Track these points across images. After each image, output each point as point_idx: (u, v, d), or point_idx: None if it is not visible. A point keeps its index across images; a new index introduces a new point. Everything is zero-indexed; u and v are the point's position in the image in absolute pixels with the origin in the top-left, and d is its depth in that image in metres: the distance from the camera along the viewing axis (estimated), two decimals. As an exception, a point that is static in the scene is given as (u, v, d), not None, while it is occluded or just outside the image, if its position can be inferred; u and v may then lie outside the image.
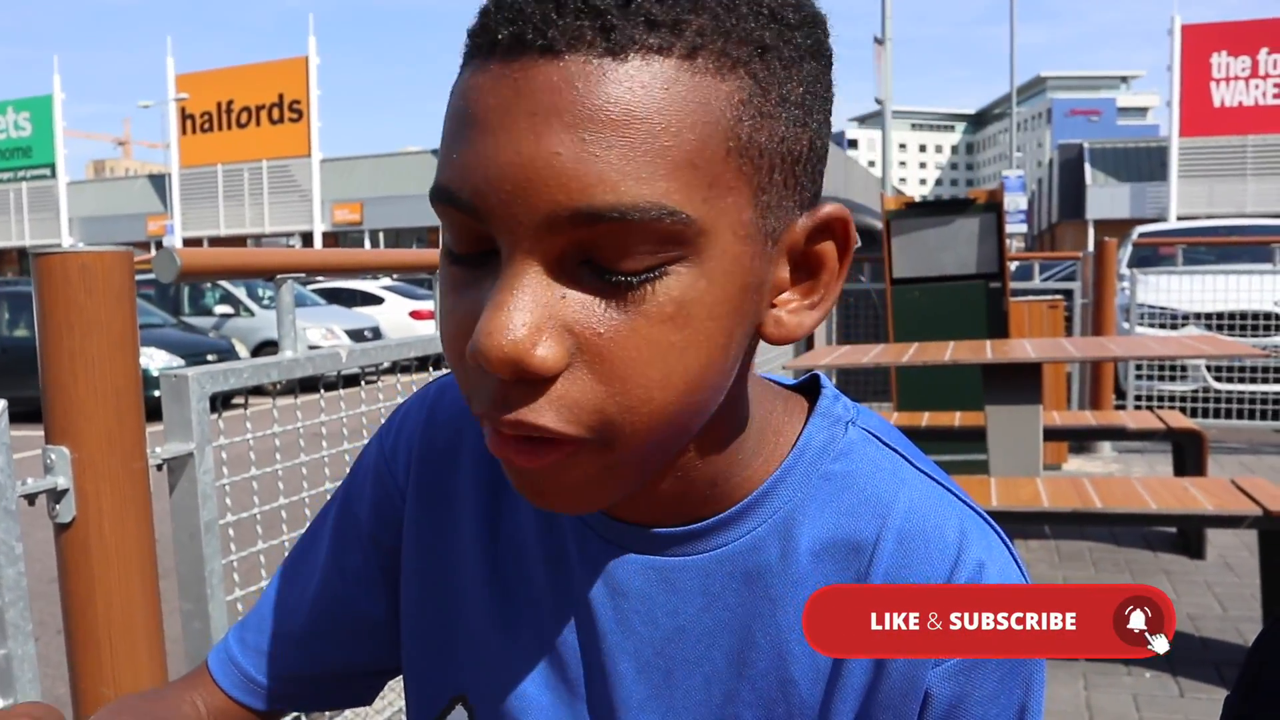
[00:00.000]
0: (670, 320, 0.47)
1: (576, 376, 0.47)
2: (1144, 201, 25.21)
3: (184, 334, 10.96)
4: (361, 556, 0.71)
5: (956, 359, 3.63)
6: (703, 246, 0.47)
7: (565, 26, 0.45)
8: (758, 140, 0.48)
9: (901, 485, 0.60)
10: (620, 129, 0.45)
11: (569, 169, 0.44)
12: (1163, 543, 4.43)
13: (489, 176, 0.46)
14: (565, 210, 0.45)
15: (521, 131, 0.45)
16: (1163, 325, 7.20)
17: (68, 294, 1.31)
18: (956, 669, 0.56)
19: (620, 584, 0.61)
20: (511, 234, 0.46)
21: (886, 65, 14.98)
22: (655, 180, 0.45)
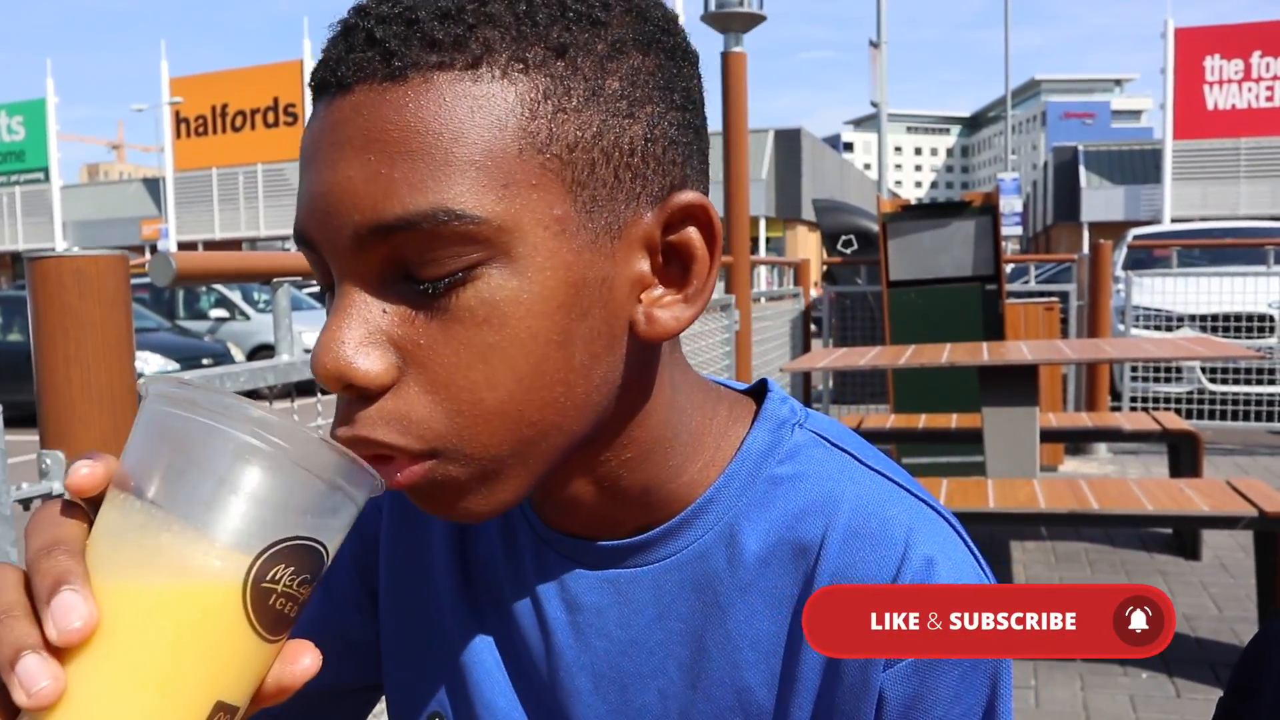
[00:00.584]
0: (485, 321, 0.49)
1: (406, 389, 0.50)
2: (1138, 204, 25.26)
3: (179, 338, 10.94)
4: (346, 576, 0.72)
5: (953, 361, 3.63)
6: (508, 245, 0.49)
7: (353, 61, 0.49)
8: (563, 135, 0.49)
9: (849, 483, 0.59)
10: (402, 145, 0.47)
11: (360, 189, 0.48)
12: (1158, 544, 4.44)
13: (309, 209, 0.50)
14: (364, 228, 0.48)
15: (324, 163, 0.49)
16: (1158, 327, 7.21)
17: (62, 298, 1.31)
18: (909, 670, 0.55)
19: (575, 598, 0.61)
20: (333, 259, 0.50)
21: (881, 68, 15.00)
22: (441, 187, 0.47)
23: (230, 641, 0.42)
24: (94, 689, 0.40)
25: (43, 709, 0.39)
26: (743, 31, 4.65)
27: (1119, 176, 27.03)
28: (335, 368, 0.49)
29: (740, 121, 4.65)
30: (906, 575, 0.55)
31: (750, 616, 0.58)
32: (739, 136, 4.66)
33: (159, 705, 0.40)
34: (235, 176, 31.16)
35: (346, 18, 0.51)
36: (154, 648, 0.41)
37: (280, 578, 0.43)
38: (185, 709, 0.41)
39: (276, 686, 0.45)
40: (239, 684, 0.43)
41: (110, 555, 0.42)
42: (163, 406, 0.44)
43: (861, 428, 4.96)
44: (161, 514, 0.42)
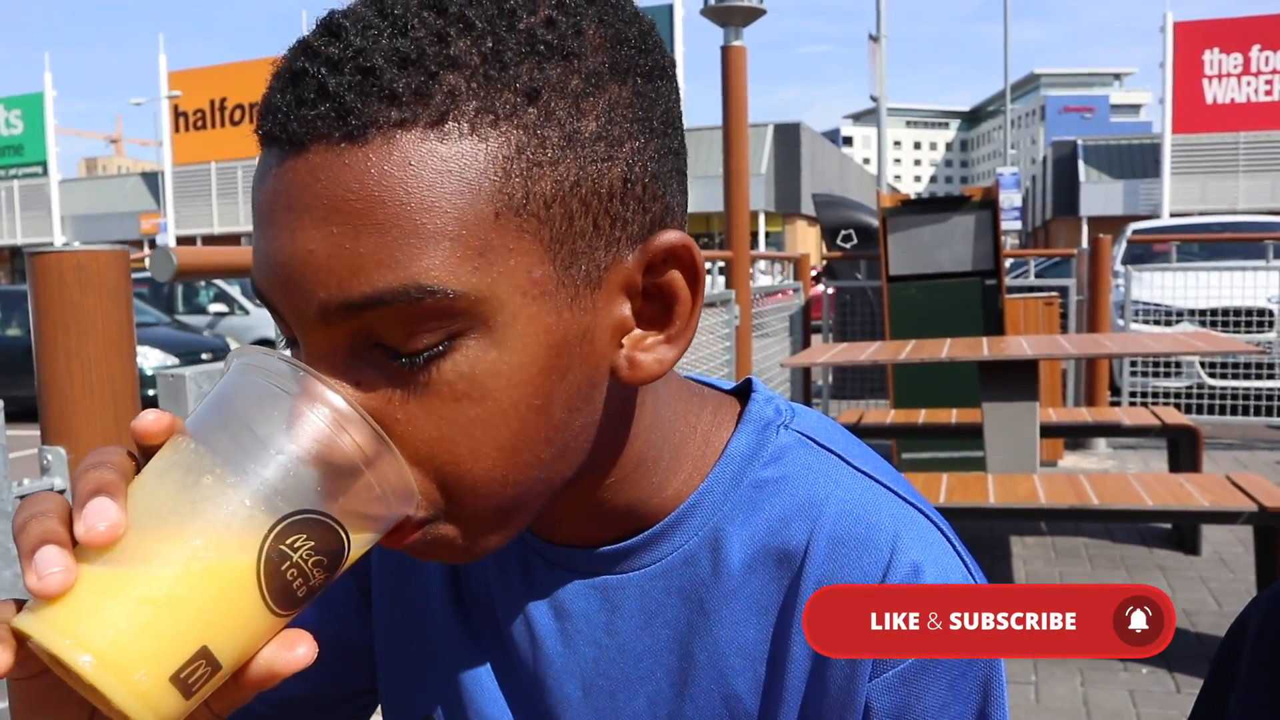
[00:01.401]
0: (465, 396, 0.47)
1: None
2: (1137, 198, 25.25)
3: (178, 333, 10.92)
4: (343, 582, 0.71)
5: (953, 356, 3.64)
6: (486, 315, 0.46)
7: (304, 118, 0.45)
8: (539, 192, 0.46)
9: (834, 487, 0.58)
10: (366, 216, 0.44)
11: (323, 264, 0.45)
12: (1158, 539, 4.44)
13: (267, 273, 0.47)
14: (330, 305, 0.45)
15: (281, 229, 0.46)
16: (1157, 322, 7.21)
17: (63, 294, 1.31)
18: (896, 679, 0.54)
19: (563, 605, 0.61)
20: (297, 327, 0.48)
21: (881, 62, 14.98)
22: (411, 261, 0.44)
23: (236, 594, 0.43)
24: (100, 591, 0.41)
25: (49, 595, 0.40)
26: (742, 25, 4.64)
27: (1118, 171, 27.01)
28: None
29: (740, 116, 4.65)
30: (892, 581, 0.54)
31: (736, 624, 0.58)
32: (738, 131, 4.65)
33: (151, 624, 0.41)
34: (234, 170, 31.11)
35: (293, 61, 0.46)
36: (165, 573, 0.42)
37: (299, 546, 0.44)
38: (173, 638, 0.42)
39: (266, 669, 0.44)
40: (231, 641, 0.43)
41: (152, 484, 0.44)
42: (237, 372, 0.46)
43: (861, 423, 4.97)
44: (210, 458, 0.44)
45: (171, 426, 0.45)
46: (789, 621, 0.56)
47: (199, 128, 30.96)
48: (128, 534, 0.42)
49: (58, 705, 0.47)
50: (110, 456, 0.45)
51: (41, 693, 0.46)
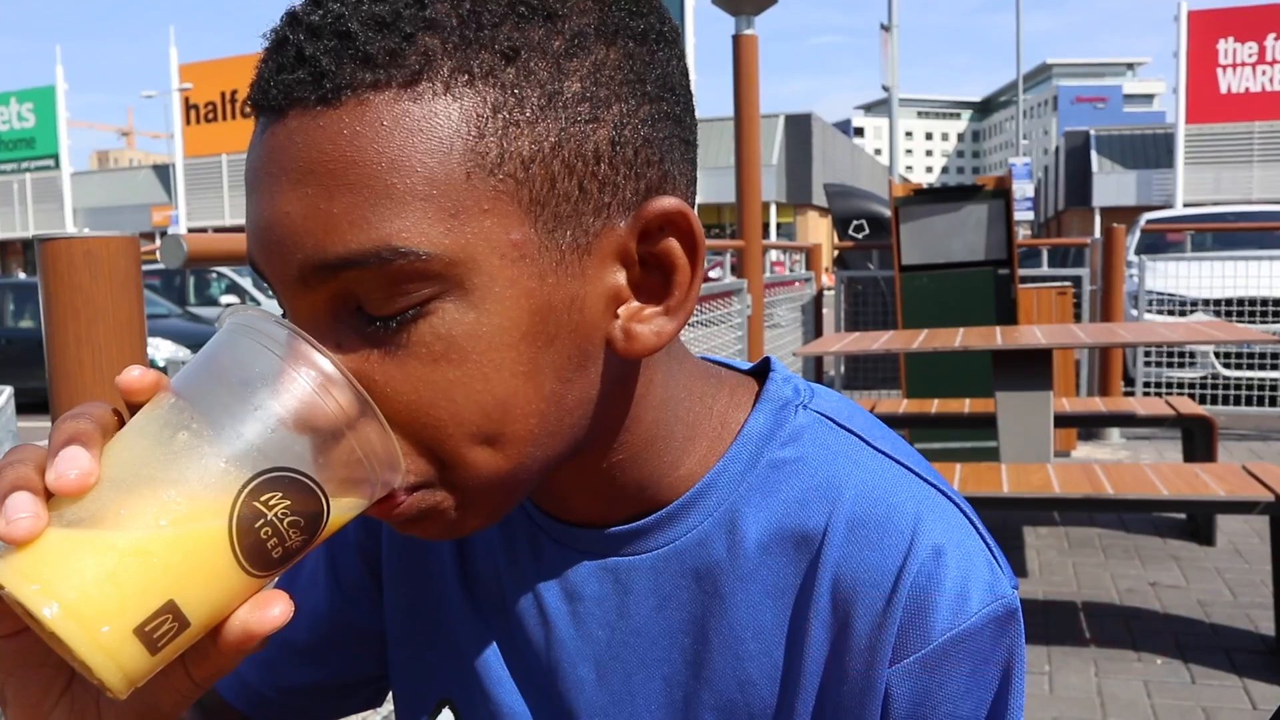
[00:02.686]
0: (442, 358, 0.46)
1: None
2: (1150, 189, 25.12)
3: (190, 324, 10.96)
4: (355, 568, 0.71)
5: (967, 345, 3.61)
6: (461, 277, 0.45)
7: (282, 83, 0.45)
8: (516, 152, 0.45)
9: (854, 468, 0.56)
10: (338, 177, 0.44)
11: (299, 226, 0.45)
12: (1172, 529, 4.41)
13: (252, 239, 0.48)
14: (307, 266, 0.45)
15: (263, 194, 0.46)
16: (1171, 312, 7.16)
17: (73, 280, 1.30)
18: (917, 665, 0.53)
19: (575, 587, 0.60)
20: (280, 290, 0.48)
21: (893, 52, 14.91)
22: (384, 222, 0.44)
23: (206, 550, 0.42)
24: (69, 542, 0.41)
25: (16, 541, 0.40)
26: (754, 14, 4.61)
27: (1131, 161, 26.87)
28: None
29: (752, 105, 4.62)
30: (913, 565, 0.53)
31: (751, 606, 0.56)
32: (750, 121, 4.63)
33: (116, 575, 0.41)
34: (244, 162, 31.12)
35: (279, 29, 0.47)
36: (134, 525, 0.41)
37: (274, 504, 0.43)
38: (139, 591, 0.41)
39: (241, 630, 0.44)
40: (199, 597, 0.43)
41: (129, 438, 0.44)
42: (227, 331, 0.46)
43: (874, 413, 4.94)
44: (189, 413, 0.44)
45: (157, 383, 0.45)
46: (806, 605, 0.55)
47: (210, 120, 31.05)
48: (101, 487, 0.42)
49: (35, 666, 0.47)
50: (91, 409, 0.45)
51: (20, 652, 0.46)
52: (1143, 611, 3.53)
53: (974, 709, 0.54)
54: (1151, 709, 2.83)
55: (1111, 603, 3.61)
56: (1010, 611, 0.54)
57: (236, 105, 30.75)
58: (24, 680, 0.47)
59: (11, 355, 10.18)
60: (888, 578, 0.53)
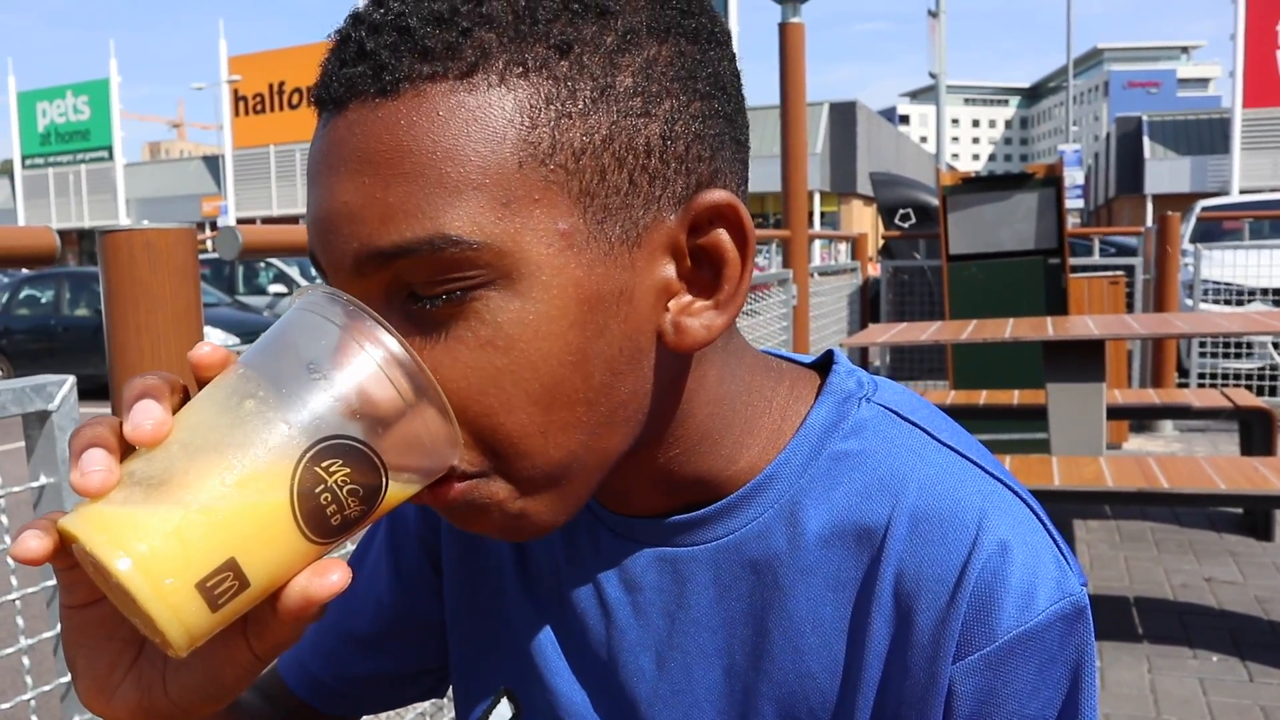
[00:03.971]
0: (489, 344, 0.47)
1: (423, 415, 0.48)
2: (1204, 175, 24.55)
3: (239, 313, 11.14)
4: (416, 560, 0.72)
5: (1017, 336, 3.56)
6: (509, 266, 0.46)
7: (344, 77, 0.47)
8: (568, 142, 0.46)
9: (918, 461, 0.56)
10: (394, 166, 0.45)
11: (355, 214, 0.46)
12: (1228, 524, 4.32)
13: (313, 232, 0.49)
14: (362, 254, 0.47)
15: (321, 185, 0.48)
16: (1228, 301, 7.01)
17: (133, 271, 1.32)
18: (981, 662, 0.51)
19: (634, 577, 0.60)
20: (335, 280, 0.49)
21: (940, 38, 14.71)
22: (437, 212, 0.45)
23: (267, 511, 0.43)
24: (140, 499, 0.43)
25: (90, 493, 0.42)
26: (800, 2, 4.57)
27: (1185, 147, 26.28)
28: None
29: (798, 94, 4.58)
30: (978, 561, 0.52)
31: (812, 600, 0.56)
32: (796, 109, 4.59)
33: (181, 531, 0.42)
34: (292, 153, 31.53)
35: (343, 27, 0.49)
36: (200, 484, 0.43)
37: (335, 471, 0.44)
38: (203, 546, 0.42)
39: (301, 595, 0.44)
40: (260, 558, 0.44)
41: (199, 404, 0.46)
42: (295, 309, 0.47)
43: (920, 404, 4.89)
44: (256, 382, 0.45)
45: (227, 359, 0.46)
46: (868, 600, 0.54)
47: (258, 111, 31.44)
48: (170, 448, 0.44)
49: (105, 639, 0.48)
50: (161, 373, 0.47)
51: (91, 624, 0.47)
52: (1197, 607, 3.46)
53: (1041, 709, 0.52)
54: (1207, 706, 2.77)
55: (1165, 598, 3.55)
56: (1079, 610, 0.53)
57: (284, 97, 31.12)
58: (94, 652, 0.48)
59: (67, 343, 10.40)
60: (952, 573, 0.52)
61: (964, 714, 0.52)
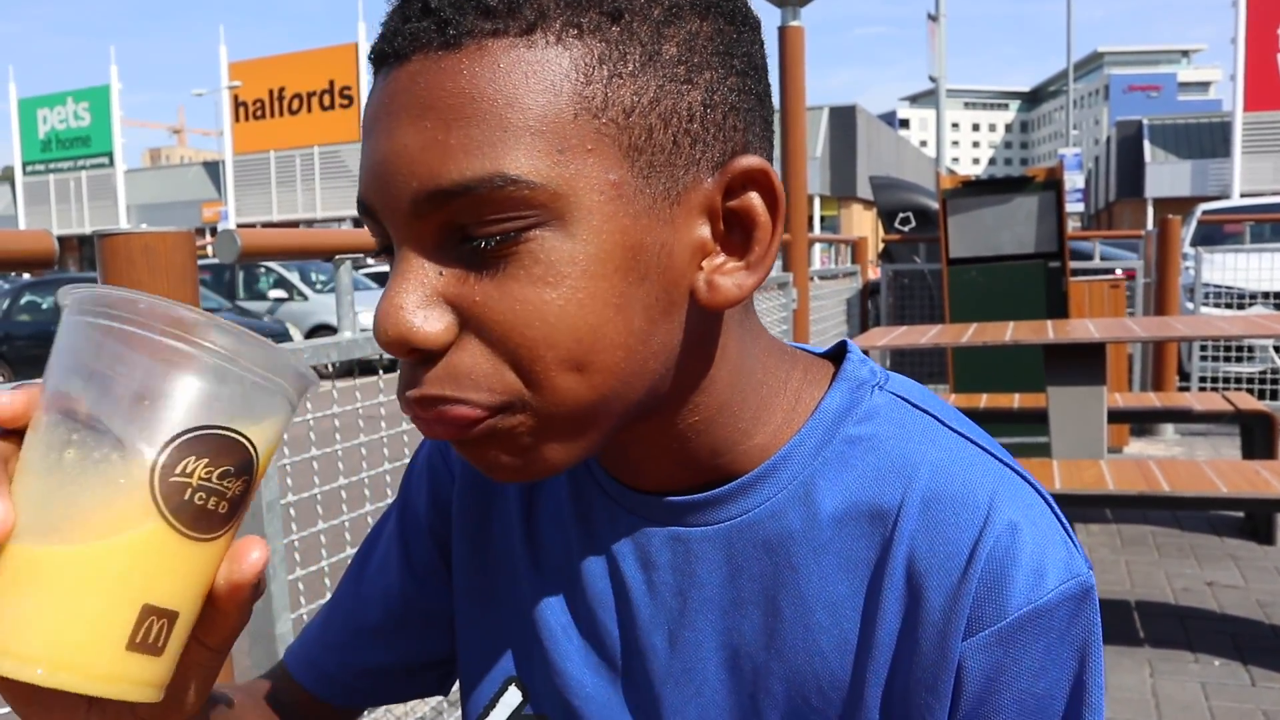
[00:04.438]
0: (540, 280, 0.49)
1: (465, 346, 0.50)
2: (1205, 179, 24.55)
3: (240, 319, 11.14)
4: (425, 549, 0.73)
5: (1018, 339, 3.55)
6: (562, 209, 0.49)
7: (409, 31, 0.49)
8: (618, 100, 0.49)
9: (929, 446, 0.57)
10: (456, 111, 0.48)
11: (416, 156, 0.48)
12: (1229, 528, 4.32)
13: (369, 177, 0.51)
14: (420, 194, 0.48)
15: (382, 132, 0.50)
16: (1229, 305, 7.00)
17: (132, 275, 1.32)
18: (992, 638, 0.52)
19: (649, 556, 0.61)
20: (391, 224, 0.51)
21: (940, 42, 14.72)
22: (497, 153, 0.48)
23: (150, 544, 0.41)
24: (19, 597, 0.40)
25: None
26: (799, 5, 4.57)
27: (1185, 151, 26.29)
28: (397, 333, 0.49)
29: (798, 97, 4.58)
30: (989, 540, 0.53)
31: (824, 579, 0.57)
32: (796, 112, 4.59)
33: (80, 611, 0.40)
34: (292, 159, 31.58)
35: None
36: (71, 556, 0.40)
37: (193, 470, 0.42)
38: (110, 613, 0.40)
39: (227, 586, 0.45)
40: (171, 587, 0.42)
41: (24, 476, 0.43)
42: (78, 316, 0.44)
43: (921, 408, 4.88)
44: (65, 425, 0.42)
45: (29, 402, 0.45)
46: (880, 579, 0.55)
47: (258, 117, 31.48)
48: (21, 535, 0.41)
49: (50, 699, 0.46)
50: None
51: (31, 692, 0.46)
52: (1199, 612, 3.45)
53: (1048, 688, 0.53)
54: (1209, 711, 2.77)
55: (1166, 602, 3.54)
56: (1086, 590, 0.54)
57: (285, 103, 31.15)
58: (46, 707, 0.47)
59: (68, 349, 10.39)
60: (963, 552, 0.53)
61: (973, 691, 0.53)
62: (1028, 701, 0.53)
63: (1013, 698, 0.53)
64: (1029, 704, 0.53)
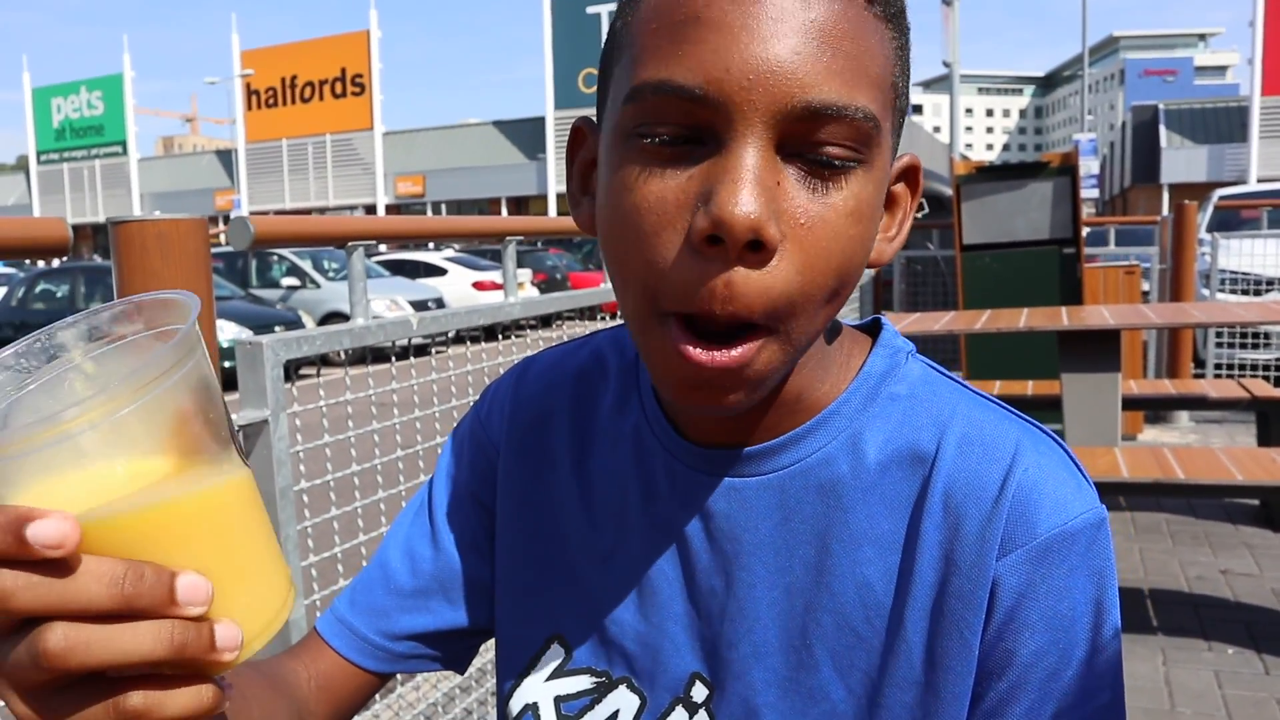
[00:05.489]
0: (851, 214, 0.54)
1: (781, 262, 0.53)
2: (1222, 164, 24.35)
3: (252, 306, 11.18)
4: (463, 518, 0.77)
5: (1032, 326, 3.53)
6: (873, 158, 0.55)
7: None
8: (896, 84, 0.57)
9: (961, 402, 0.64)
10: (843, 45, 0.53)
11: (803, 67, 0.52)
12: (1244, 515, 4.29)
13: (731, 69, 0.52)
14: (799, 102, 0.52)
15: (764, 34, 0.52)
16: (1245, 291, 6.95)
17: (145, 261, 1.33)
18: (1023, 558, 0.58)
19: (706, 506, 0.66)
20: (745, 121, 0.52)
21: (954, 27, 14.61)
22: (863, 91, 0.53)
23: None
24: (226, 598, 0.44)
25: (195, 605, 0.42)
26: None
27: (1202, 136, 26.08)
28: (755, 222, 0.50)
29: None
30: (1017, 473, 0.59)
31: (871, 517, 0.62)
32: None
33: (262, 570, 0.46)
34: (305, 147, 31.62)
35: None
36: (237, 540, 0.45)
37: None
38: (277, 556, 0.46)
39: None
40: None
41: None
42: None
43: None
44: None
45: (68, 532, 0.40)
46: (921, 512, 0.61)
47: (270, 105, 31.53)
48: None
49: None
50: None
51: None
52: (1213, 600, 3.44)
53: (1071, 608, 0.59)
54: (1223, 699, 2.76)
55: (1180, 590, 3.53)
56: (1102, 520, 0.60)
57: (297, 91, 31.17)
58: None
59: (84, 337, 10.44)
60: (995, 483, 0.60)
61: (1005, 605, 0.59)
62: (1053, 620, 0.59)
63: (1040, 614, 0.58)
64: (1054, 622, 0.59)
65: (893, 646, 0.61)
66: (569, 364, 0.76)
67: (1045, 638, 0.58)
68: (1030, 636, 0.58)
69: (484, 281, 15.46)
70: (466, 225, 2.59)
